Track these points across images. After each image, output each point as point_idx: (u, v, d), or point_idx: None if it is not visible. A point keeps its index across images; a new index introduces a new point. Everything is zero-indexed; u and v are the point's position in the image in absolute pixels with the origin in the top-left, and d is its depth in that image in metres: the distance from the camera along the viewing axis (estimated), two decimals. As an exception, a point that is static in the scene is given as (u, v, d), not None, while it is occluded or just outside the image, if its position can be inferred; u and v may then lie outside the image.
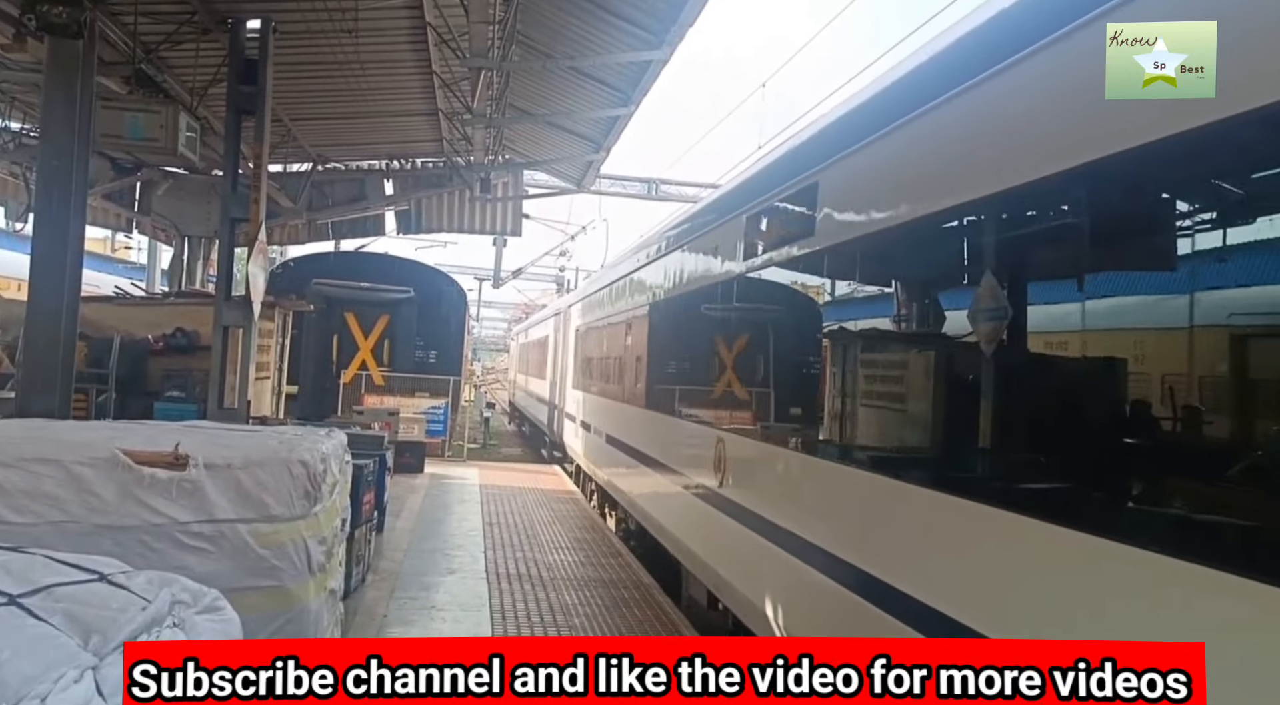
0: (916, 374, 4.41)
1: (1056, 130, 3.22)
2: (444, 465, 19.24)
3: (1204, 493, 2.77)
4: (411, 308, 20.73)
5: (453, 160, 18.50)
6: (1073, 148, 3.08)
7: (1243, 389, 2.71)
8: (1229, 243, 2.76)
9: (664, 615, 8.62)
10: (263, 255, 11.08)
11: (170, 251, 19.53)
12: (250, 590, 4.26)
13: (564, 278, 55.99)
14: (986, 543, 3.51)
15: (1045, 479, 3.46)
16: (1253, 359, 2.66)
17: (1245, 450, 2.69)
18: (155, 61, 11.96)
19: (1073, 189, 3.21)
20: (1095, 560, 2.88)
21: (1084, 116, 3.02)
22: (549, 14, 12.00)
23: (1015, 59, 3.50)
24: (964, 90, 3.84)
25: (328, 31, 11.25)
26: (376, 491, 10.01)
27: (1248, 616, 2.42)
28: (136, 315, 13.77)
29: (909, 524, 3.99)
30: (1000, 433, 3.61)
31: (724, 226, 7.43)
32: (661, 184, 30.53)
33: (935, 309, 4.34)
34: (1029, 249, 3.63)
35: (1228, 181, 2.81)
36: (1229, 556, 2.51)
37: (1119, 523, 2.91)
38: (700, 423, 8.14)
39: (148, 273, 23.66)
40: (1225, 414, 2.81)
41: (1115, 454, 3.11)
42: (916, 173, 4.17)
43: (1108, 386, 3.22)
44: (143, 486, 4.30)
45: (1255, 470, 2.58)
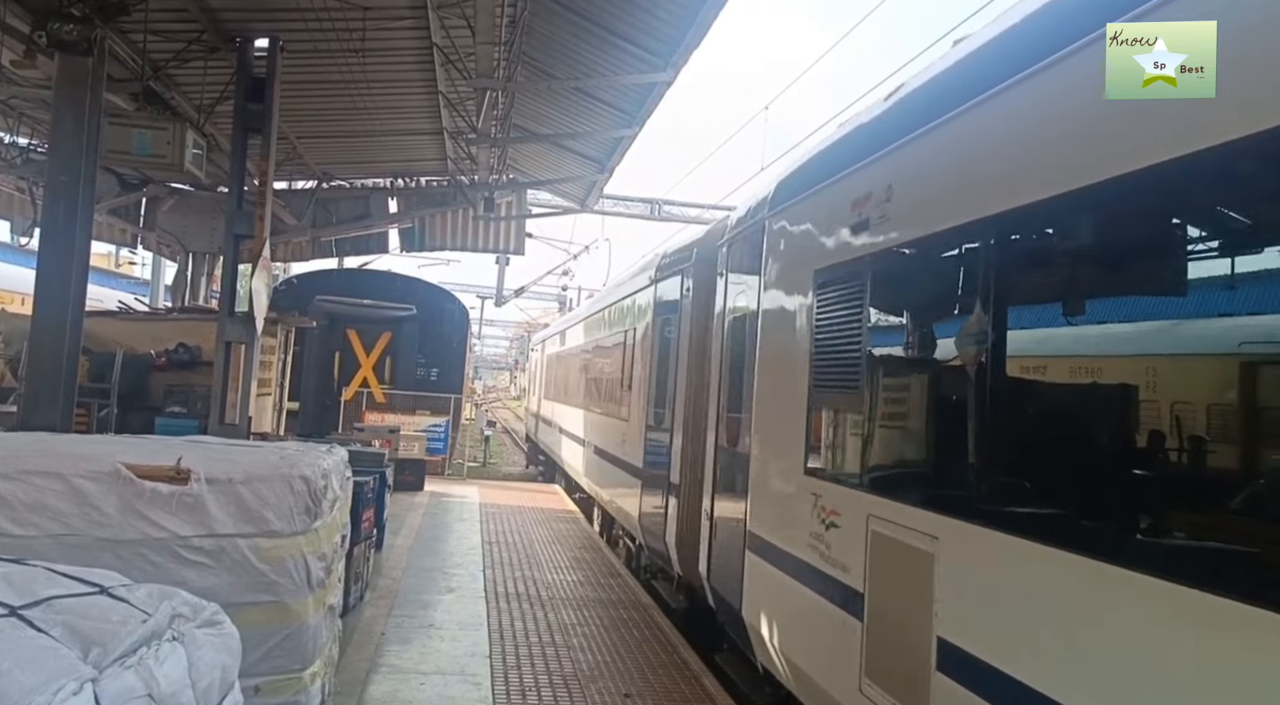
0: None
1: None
2: (444, 483, 19.23)
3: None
4: (413, 325, 20.79)
5: (457, 179, 18.61)
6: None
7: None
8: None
9: (663, 636, 8.59)
10: (266, 272, 11.12)
11: (174, 267, 19.60)
12: (250, 605, 4.25)
13: (566, 297, 56.17)
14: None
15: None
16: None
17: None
18: (163, 79, 12.07)
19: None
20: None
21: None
22: (554, 36, 12.11)
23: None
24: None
25: (335, 51, 11.36)
26: (376, 509, 10.00)
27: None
28: (139, 330, 13.81)
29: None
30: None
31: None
32: (664, 204, 30.64)
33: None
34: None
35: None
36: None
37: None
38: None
39: (151, 288, 23.76)
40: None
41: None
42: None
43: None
44: (144, 500, 4.31)
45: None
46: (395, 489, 14.37)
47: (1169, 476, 3.00)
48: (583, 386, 16.78)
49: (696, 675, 7.47)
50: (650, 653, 8.00)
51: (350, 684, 6.45)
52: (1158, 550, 2.94)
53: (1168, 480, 3.01)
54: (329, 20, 10.54)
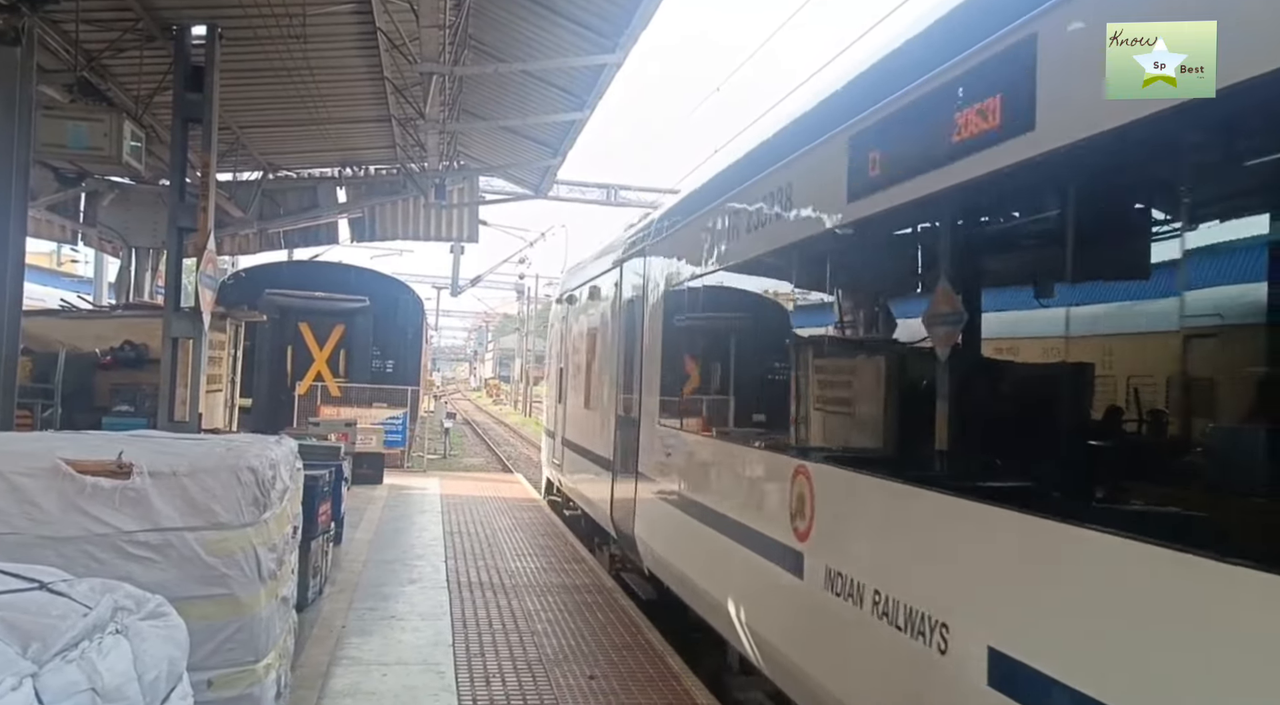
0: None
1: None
2: (404, 476, 19.04)
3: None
4: (367, 317, 20.52)
5: (407, 167, 18.38)
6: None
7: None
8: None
9: (627, 618, 8.60)
10: (212, 265, 10.91)
11: (117, 264, 19.15)
12: (199, 599, 4.16)
13: (524, 285, 55.77)
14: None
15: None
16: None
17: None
18: (98, 69, 11.75)
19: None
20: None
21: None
22: (501, 18, 11.98)
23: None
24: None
25: (275, 37, 11.13)
26: (333, 503, 9.87)
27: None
28: (83, 329, 13.50)
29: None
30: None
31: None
32: (621, 190, 30.55)
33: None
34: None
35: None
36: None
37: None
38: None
39: (95, 286, 23.18)
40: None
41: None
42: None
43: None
44: (85, 496, 4.19)
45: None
46: (354, 483, 14.22)
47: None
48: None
49: (661, 655, 7.48)
50: (615, 635, 8.00)
51: (311, 678, 6.36)
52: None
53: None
54: (268, 6, 10.32)
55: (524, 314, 64.33)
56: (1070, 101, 3.09)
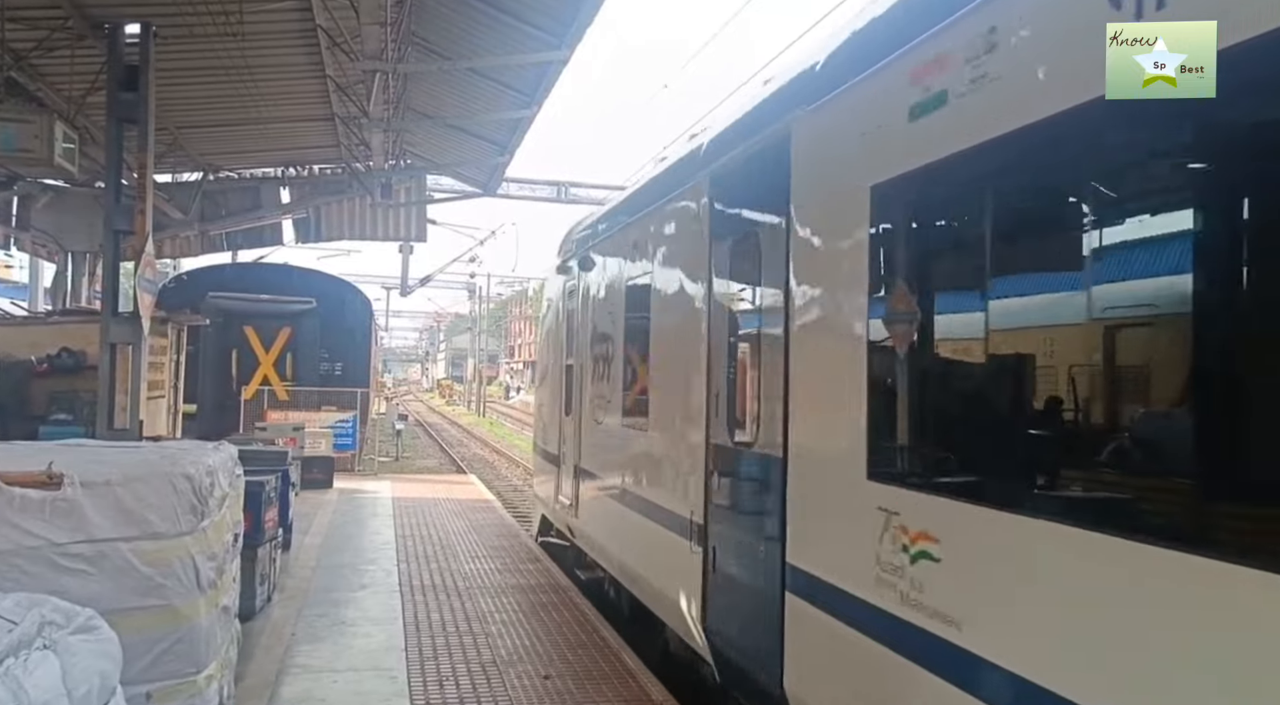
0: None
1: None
2: (355, 480, 18.77)
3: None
4: (314, 319, 20.19)
5: (352, 166, 18.11)
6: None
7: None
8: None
9: (582, 616, 8.58)
10: (151, 269, 10.64)
11: (53, 269, 18.62)
12: (136, 610, 4.05)
13: (475, 284, 55.29)
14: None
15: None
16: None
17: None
18: (27, 69, 11.41)
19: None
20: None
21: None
22: (444, 15, 11.85)
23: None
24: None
25: (212, 35, 10.89)
26: (280, 508, 9.69)
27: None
28: (17, 336, 13.09)
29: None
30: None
31: None
32: (571, 186, 30.42)
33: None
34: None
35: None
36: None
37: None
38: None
39: (30, 292, 22.53)
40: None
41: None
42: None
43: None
44: (14, 508, 4.05)
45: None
46: (302, 488, 13.99)
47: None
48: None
49: (616, 652, 7.48)
50: (570, 633, 7.98)
51: (259, 687, 6.24)
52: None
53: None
54: (203, 4, 10.09)
55: (476, 313, 63.88)
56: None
